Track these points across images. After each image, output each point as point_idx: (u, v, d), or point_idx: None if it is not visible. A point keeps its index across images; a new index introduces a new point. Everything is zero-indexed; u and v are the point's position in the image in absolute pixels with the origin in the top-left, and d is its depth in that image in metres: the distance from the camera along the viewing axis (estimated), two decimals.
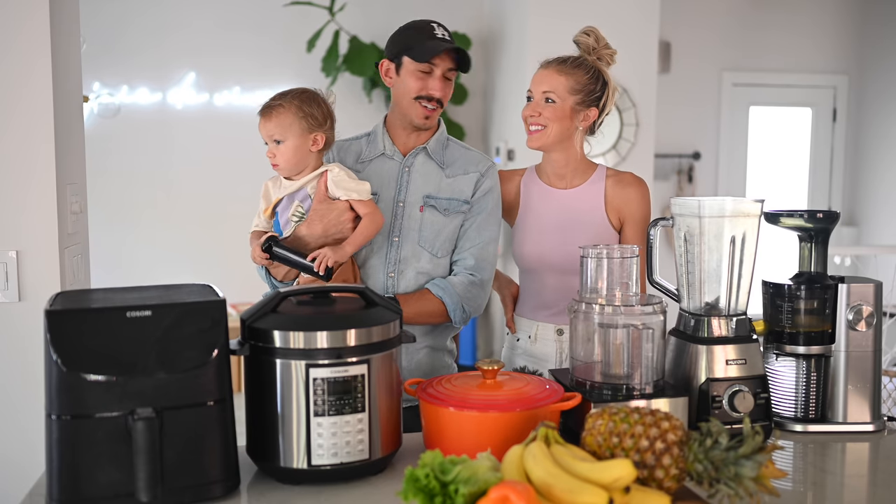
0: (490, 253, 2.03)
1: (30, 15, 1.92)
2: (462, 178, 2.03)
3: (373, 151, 2.04)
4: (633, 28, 4.55)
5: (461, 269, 2.01)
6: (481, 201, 2.03)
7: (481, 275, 2.01)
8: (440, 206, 1.99)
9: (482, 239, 2.02)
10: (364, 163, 2.03)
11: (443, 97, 1.98)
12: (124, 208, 5.30)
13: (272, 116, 1.85)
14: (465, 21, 5.56)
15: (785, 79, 6.04)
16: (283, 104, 1.85)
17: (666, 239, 4.72)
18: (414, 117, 1.98)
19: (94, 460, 1.25)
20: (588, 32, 2.11)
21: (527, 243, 2.12)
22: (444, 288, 1.96)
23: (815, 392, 1.72)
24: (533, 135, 2.08)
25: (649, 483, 1.22)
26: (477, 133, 5.74)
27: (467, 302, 1.98)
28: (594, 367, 1.57)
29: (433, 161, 2.03)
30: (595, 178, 2.13)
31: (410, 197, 1.99)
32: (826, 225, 1.75)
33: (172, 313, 1.30)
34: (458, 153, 2.07)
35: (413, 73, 1.95)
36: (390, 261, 1.97)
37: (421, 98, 1.96)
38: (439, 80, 1.95)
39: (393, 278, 1.97)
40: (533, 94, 2.09)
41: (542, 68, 2.09)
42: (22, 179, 1.95)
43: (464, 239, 2.02)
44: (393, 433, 1.46)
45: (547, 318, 2.11)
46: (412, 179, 2.01)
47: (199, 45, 5.35)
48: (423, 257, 1.98)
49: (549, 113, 2.05)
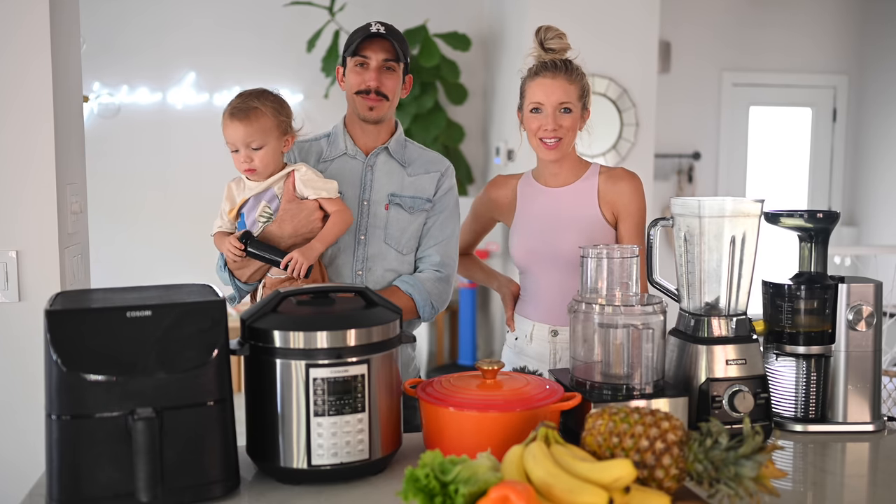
0: (453, 249, 2.09)
1: (29, 15, 1.92)
2: (424, 176, 2.07)
3: (334, 151, 2.06)
4: (633, 28, 4.55)
5: (427, 265, 2.05)
6: (443, 200, 2.08)
7: (447, 270, 2.06)
8: (405, 203, 2.03)
9: (445, 236, 2.06)
10: (326, 162, 2.05)
11: (381, 88, 1.98)
12: (124, 208, 5.30)
13: (251, 121, 1.81)
14: (465, 21, 5.56)
15: (785, 79, 6.04)
16: (259, 108, 1.82)
17: (666, 239, 4.72)
18: (360, 111, 2.01)
19: (94, 460, 1.25)
20: (560, 35, 2.09)
21: (522, 242, 2.13)
22: (414, 285, 2.00)
23: (815, 392, 1.72)
24: (552, 149, 2.04)
25: (649, 483, 1.22)
26: (477, 133, 5.74)
27: (435, 298, 2.02)
28: (594, 367, 1.57)
29: (394, 160, 2.06)
30: (588, 174, 2.13)
31: (375, 195, 2.02)
32: (826, 225, 1.75)
33: (172, 313, 1.30)
34: (417, 153, 2.11)
35: (352, 69, 2.00)
36: (358, 259, 2.00)
37: (360, 92, 1.98)
38: (374, 72, 1.97)
39: (361, 276, 2.00)
40: (545, 105, 2.02)
41: (549, 77, 2.03)
42: (22, 179, 1.95)
43: (428, 237, 2.06)
44: (393, 433, 1.46)
45: (541, 319, 2.11)
46: (376, 178, 2.04)
47: (199, 45, 5.35)
48: (390, 255, 2.02)
49: (569, 124, 2.04)
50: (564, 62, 2.06)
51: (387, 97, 1.99)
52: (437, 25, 5.34)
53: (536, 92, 2.05)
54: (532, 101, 2.05)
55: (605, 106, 4.60)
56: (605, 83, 4.58)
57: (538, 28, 2.11)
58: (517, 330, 2.19)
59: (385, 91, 1.98)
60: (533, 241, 2.11)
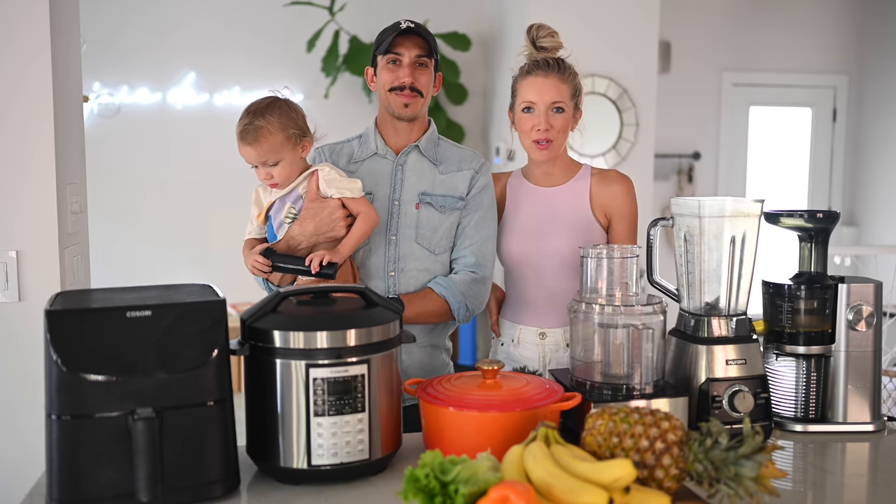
0: (489, 249, 2.04)
1: (29, 15, 1.92)
2: (456, 174, 2.04)
3: (365, 151, 2.05)
4: (633, 28, 4.55)
5: (462, 266, 2.01)
6: (477, 198, 2.04)
7: (482, 272, 2.01)
8: (436, 202, 2.00)
9: (481, 236, 2.03)
10: (357, 163, 2.04)
11: (416, 84, 1.97)
12: (124, 208, 5.30)
13: (260, 141, 1.80)
14: (465, 21, 5.55)
15: (785, 79, 6.04)
16: (265, 126, 1.80)
17: (666, 239, 4.72)
18: (394, 109, 1.99)
19: (94, 460, 1.25)
20: (553, 33, 2.07)
21: (511, 241, 2.10)
22: (447, 287, 1.97)
23: (815, 392, 1.72)
24: (544, 148, 2.02)
25: (649, 483, 1.22)
26: (477, 133, 5.74)
27: (470, 300, 1.98)
28: (594, 367, 1.57)
29: (426, 158, 2.04)
30: (580, 175, 2.11)
31: (405, 195, 2.00)
32: (826, 225, 1.75)
33: (172, 313, 1.31)
34: (450, 151, 2.08)
35: (384, 67, 1.99)
36: (389, 259, 1.98)
37: (394, 89, 1.97)
38: (408, 68, 1.96)
39: (394, 277, 1.98)
40: (537, 105, 2.01)
41: (541, 76, 2.02)
42: (22, 179, 1.95)
43: (462, 237, 2.02)
44: (393, 433, 1.46)
45: (529, 322, 2.10)
46: (406, 177, 2.02)
47: (199, 45, 5.35)
48: (422, 254, 1.99)
49: (560, 124, 2.02)
50: (557, 61, 2.04)
51: (421, 93, 1.98)
52: (437, 25, 5.34)
53: (528, 91, 2.03)
54: (524, 100, 2.04)
55: (605, 106, 4.59)
56: (605, 83, 4.57)
57: (530, 26, 2.09)
58: (503, 335, 2.17)
59: (419, 87, 1.97)
60: (523, 242, 2.08)
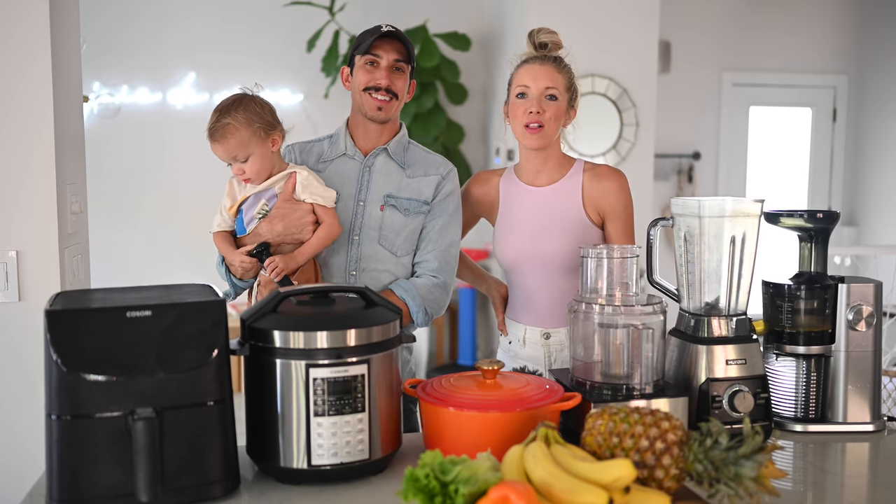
0: (452, 255, 2.06)
1: (29, 15, 1.92)
2: (422, 179, 2.05)
3: (334, 152, 2.07)
4: (633, 28, 4.55)
5: (424, 270, 2.03)
6: (443, 204, 2.05)
7: (444, 277, 2.03)
8: (401, 205, 2.02)
9: (445, 242, 2.04)
10: (325, 162, 2.05)
11: (392, 87, 1.98)
12: (124, 208, 5.30)
13: (227, 138, 1.85)
14: (465, 21, 5.55)
15: (785, 79, 6.04)
16: (230, 122, 1.85)
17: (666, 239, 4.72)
18: (367, 109, 2.00)
19: (93, 460, 1.25)
20: (553, 32, 2.08)
21: (506, 242, 2.11)
22: (408, 290, 1.98)
23: (815, 392, 1.72)
24: (535, 133, 2.01)
25: (649, 483, 1.22)
26: (477, 133, 5.74)
27: (430, 304, 2.00)
28: (594, 367, 1.57)
29: (394, 161, 2.05)
30: (573, 172, 2.10)
31: (371, 196, 2.02)
32: (826, 225, 1.75)
33: (172, 313, 1.30)
34: (419, 155, 2.09)
35: (361, 67, 2.00)
36: (351, 259, 2.00)
37: (369, 89, 1.98)
38: (386, 71, 1.98)
39: (355, 276, 2.00)
40: (530, 90, 2.01)
41: (537, 64, 2.03)
42: (22, 179, 1.95)
43: (426, 241, 2.04)
44: (393, 433, 1.46)
45: (533, 322, 2.10)
46: (373, 179, 2.03)
47: (199, 44, 5.35)
48: (384, 256, 2.01)
49: (553, 111, 2.01)
50: (555, 55, 2.06)
51: (396, 96, 1.99)
52: (437, 25, 5.34)
53: (524, 76, 2.04)
54: (518, 84, 2.04)
55: (605, 106, 4.59)
56: (605, 83, 4.57)
57: (531, 31, 2.11)
58: (510, 334, 2.18)
59: (395, 89, 1.99)
60: (519, 244, 2.08)
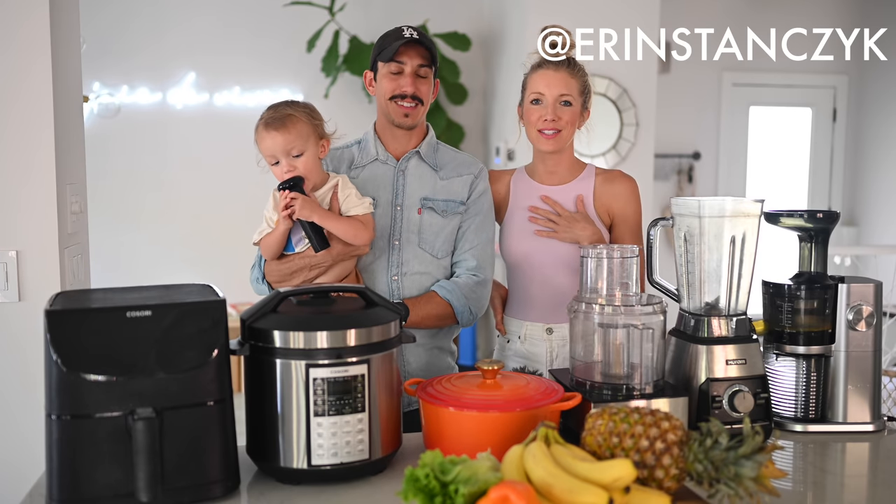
0: (489, 253, 2.06)
1: (29, 15, 1.92)
2: (456, 179, 2.05)
3: (366, 157, 2.05)
4: (633, 28, 4.55)
5: (464, 269, 2.03)
6: (477, 203, 2.06)
7: (484, 274, 2.03)
8: (438, 207, 2.01)
9: (481, 240, 2.04)
10: (358, 168, 2.04)
11: (417, 93, 1.98)
12: (124, 208, 5.30)
13: (288, 128, 1.79)
14: (465, 21, 5.55)
15: (785, 79, 6.04)
16: (293, 114, 1.81)
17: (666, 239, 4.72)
18: (394, 117, 2.00)
19: (93, 460, 1.25)
20: (562, 31, 2.09)
21: (514, 239, 2.12)
22: (451, 290, 1.98)
23: (815, 392, 1.72)
24: (551, 139, 2.04)
25: (649, 483, 1.22)
26: (477, 133, 5.74)
27: (473, 302, 2.00)
28: (594, 367, 1.57)
29: (426, 164, 2.05)
30: (584, 175, 2.13)
31: (408, 200, 2.01)
32: (826, 225, 1.75)
33: (172, 313, 1.30)
34: (449, 156, 2.09)
35: (385, 75, 1.99)
36: (392, 264, 1.99)
37: (395, 97, 1.98)
38: (410, 77, 1.97)
39: (397, 281, 1.98)
40: (545, 97, 2.04)
41: (551, 70, 2.05)
42: (22, 179, 1.95)
43: (463, 241, 2.04)
44: (393, 433, 1.46)
45: (536, 318, 2.11)
46: (408, 182, 2.03)
47: (199, 45, 5.35)
48: (425, 259, 2.00)
49: (568, 117, 2.04)
50: (568, 59, 2.07)
51: (422, 101, 1.99)
52: (437, 25, 5.34)
53: (538, 83, 2.06)
54: (533, 91, 2.06)
55: (605, 106, 4.59)
56: (605, 83, 4.57)
57: (543, 28, 2.11)
58: (509, 332, 2.18)
59: (420, 95, 1.98)
60: (527, 240, 2.10)
